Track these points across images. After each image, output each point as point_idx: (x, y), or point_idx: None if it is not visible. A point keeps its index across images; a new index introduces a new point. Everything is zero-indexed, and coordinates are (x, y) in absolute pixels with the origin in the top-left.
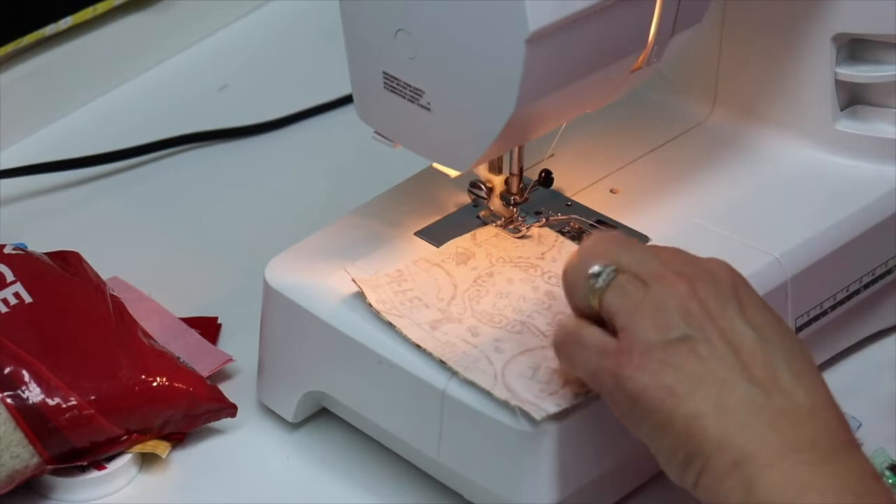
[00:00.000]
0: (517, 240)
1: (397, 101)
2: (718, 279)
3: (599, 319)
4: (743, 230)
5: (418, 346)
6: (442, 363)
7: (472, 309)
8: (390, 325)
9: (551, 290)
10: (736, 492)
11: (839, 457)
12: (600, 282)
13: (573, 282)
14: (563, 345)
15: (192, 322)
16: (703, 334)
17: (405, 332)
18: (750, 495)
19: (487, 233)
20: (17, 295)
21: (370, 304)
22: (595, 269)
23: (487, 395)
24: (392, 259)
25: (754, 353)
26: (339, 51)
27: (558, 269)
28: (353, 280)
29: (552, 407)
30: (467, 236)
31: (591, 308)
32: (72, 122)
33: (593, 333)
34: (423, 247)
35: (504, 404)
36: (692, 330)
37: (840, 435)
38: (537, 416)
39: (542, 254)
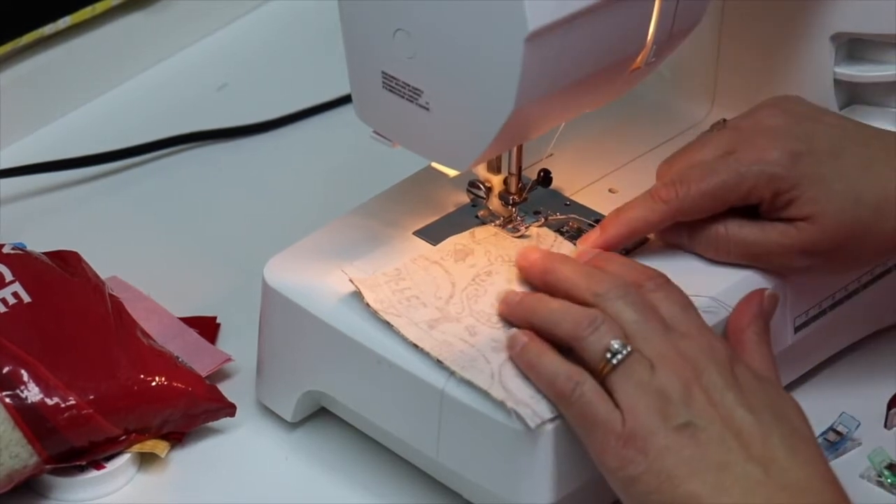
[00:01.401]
0: (516, 239)
1: (396, 100)
2: (717, 360)
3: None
4: None
5: (416, 346)
6: (439, 362)
7: (470, 308)
8: (388, 325)
9: None
10: None
11: None
12: (615, 360)
13: (586, 336)
14: (574, 407)
15: (191, 322)
16: (703, 421)
17: (403, 331)
18: None
19: (486, 231)
20: (15, 295)
21: (368, 304)
22: (614, 346)
23: (485, 394)
24: (391, 259)
25: (752, 435)
26: (338, 50)
27: None
28: (351, 280)
29: (547, 412)
30: (466, 234)
31: (595, 368)
32: (70, 121)
33: (607, 409)
34: (422, 246)
35: (501, 405)
36: (693, 416)
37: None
38: (532, 423)
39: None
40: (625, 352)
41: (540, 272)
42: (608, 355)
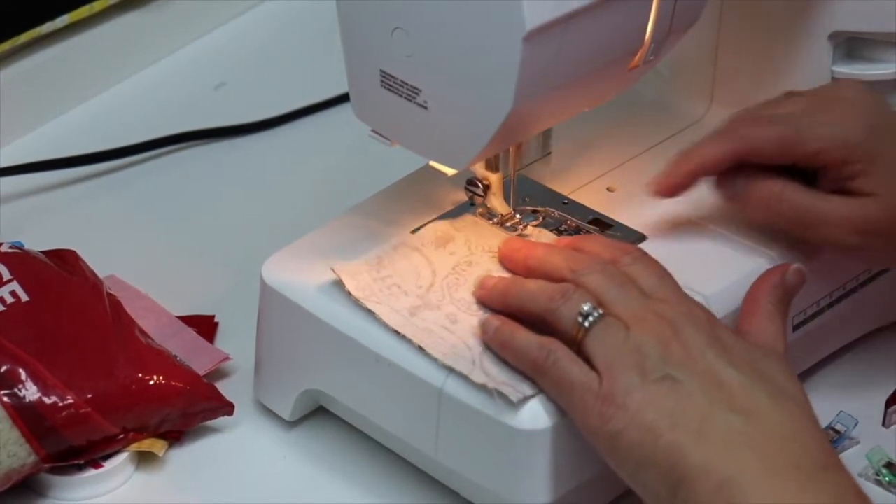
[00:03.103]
0: (495, 227)
1: (394, 99)
2: (696, 322)
3: (576, 344)
4: (739, 228)
5: (397, 333)
6: (420, 349)
7: (451, 297)
8: (369, 312)
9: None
10: None
11: (823, 475)
12: (587, 323)
13: (558, 307)
14: (550, 374)
15: (189, 320)
16: (683, 374)
17: (384, 318)
18: None
19: (465, 220)
20: (13, 293)
21: (349, 292)
22: (585, 308)
23: (466, 379)
24: (389, 258)
25: (734, 388)
26: (336, 49)
27: None
28: (332, 269)
29: (528, 389)
30: (446, 222)
31: (570, 336)
32: (68, 120)
33: (582, 371)
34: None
35: (482, 388)
36: (672, 370)
37: (824, 456)
38: (514, 398)
39: None
40: (596, 314)
41: (522, 258)
42: (580, 319)
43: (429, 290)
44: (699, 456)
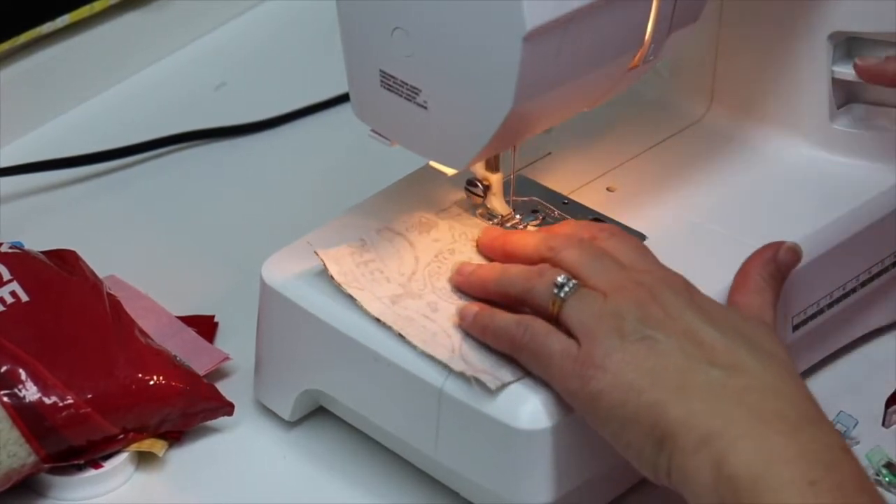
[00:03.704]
0: (478, 218)
1: (394, 99)
2: (675, 288)
3: (554, 318)
4: (740, 228)
5: (377, 320)
6: (401, 337)
7: (433, 285)
8: (351, 298)
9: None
10: (706, 468)
11: (808, 428)
12: (562, 294)
13: (534, 285)
14: (529, 347)
15: (189, 320)
16: (662, 334)
17: (365, 305)
18: (720, 469)
19: (450, 213)
20: (13, 294)
21: (331, 277)
22: (559, 280)
23: (445, 367)
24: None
25: (715, 347)
26: (336, 49)
27: None
28: (315, 252)
29: (508, 376)
30: (430, 212)
31: (548, 311)
32: (68, 120)
33: (559, 339)
34: None
35: (460, 376)
36: (651, 331)
37: (808, 409)
38: (492, 385)
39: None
40: (571, 284)
41: (500, 244)
42: (555, 290)
43: (411, 278)
44: (681, 410)
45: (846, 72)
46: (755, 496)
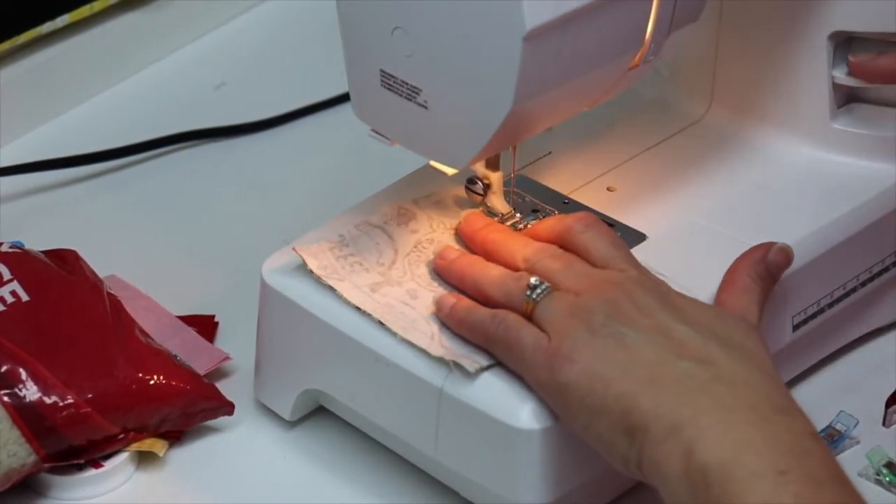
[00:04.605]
0: (457, 207)
1: (394, 98)
2: (649, 287)
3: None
4: (740, 228)
5: (358, 309)
6: (381, 324)
7: (412, 273)
8: (331, 290)
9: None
10: (676, 457)
11: (778, 417)
12: (534, 295)
13: (511, 289)
14: (502, 341)
15: (189, 320)
16: (632, 329)
17: (346, 295)
18: (690, 458)
19: (428, 199)
20: (14, 293)
21: (311, 271)
22: (532, 282)
23: (424, 353)
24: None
25: (685, 341)
26: (336, 49)
27: None
28: (294, 249)
29: (485, 360)
30: (409, 201)
31: (523, 312)
32: (68, 120)
33: (531, 332)
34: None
35: (439, 361)
36: (621, 326)
37: (781, 400)
38: (471, 368)
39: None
40: (543, 287)
41: (480, 240)
42: (528, 292)
43: (391, 266)
44: (651, 400)
45: (845, 77)
46: (724, 485)
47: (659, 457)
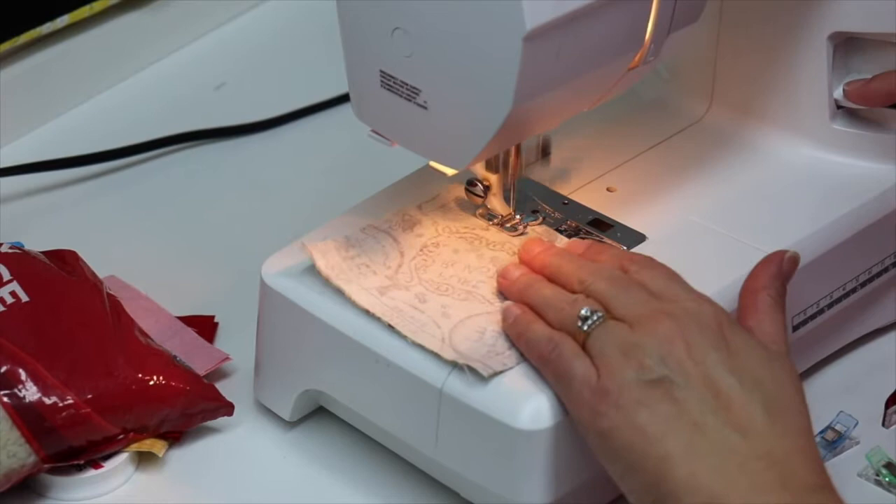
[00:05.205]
0: (461, 211)
1: (394, 99)
2: (704, 322)
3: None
4: (740, 228)
5: (367, 311)
6: (391, 327)
7: (419, 277)
8: (339, 292)
9: (495, 256)
10: None
11: (810, 497)
12: (586, 327)
13: (564, 311)
14: (553, 367)
15: (189, 321)
16: (680, 377)
17: (354, 297)
18: None
19: (433, 205)
20: (13, 294)
21: (319, 270)
22: (584, 312)
23: (435, 356)
24: None
25: (731, 398)
26: (336, 49)
27: (503, 239)
28: (303, 244)
29: (498, 366)
30: (412, 207)
31: (576, 339)
32: (68, 120)
33: (583, 364)
34: None
35: (452, 364)
36: (670, 372)
37: (813, 476)
38: (485, 373)
39: (487, 226)
40: (596, 316)
41: (538, 265)
42: (579, 323)
43: (397, 270)
44: (687, 470)
45: (845, 100)
46: None
47: None
